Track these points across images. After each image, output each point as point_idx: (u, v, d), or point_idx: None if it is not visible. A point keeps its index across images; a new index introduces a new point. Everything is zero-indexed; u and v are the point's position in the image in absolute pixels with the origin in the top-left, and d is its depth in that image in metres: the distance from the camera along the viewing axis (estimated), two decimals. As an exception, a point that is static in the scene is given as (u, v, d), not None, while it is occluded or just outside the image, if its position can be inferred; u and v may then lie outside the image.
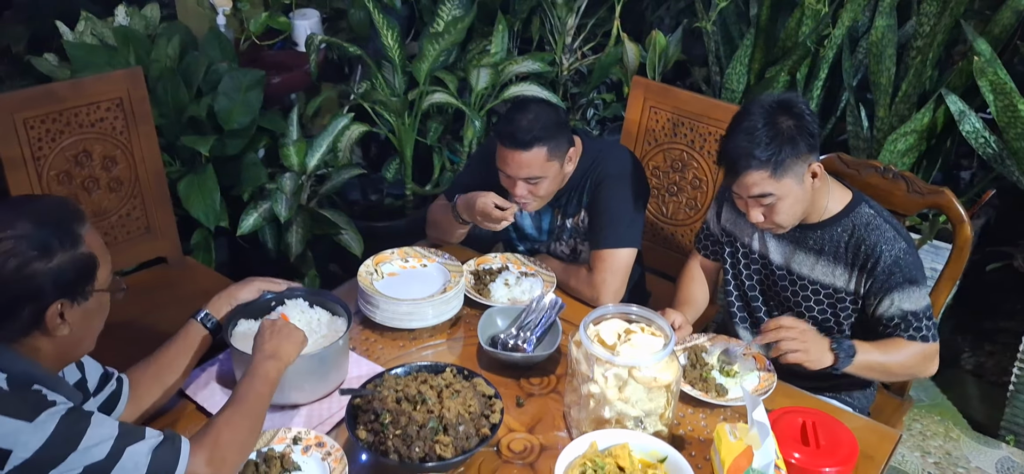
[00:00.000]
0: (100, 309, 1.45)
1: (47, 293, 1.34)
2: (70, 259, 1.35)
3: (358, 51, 3.34)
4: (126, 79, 2.58)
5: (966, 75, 2.93)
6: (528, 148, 2.16)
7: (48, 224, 1.35)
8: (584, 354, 1.74)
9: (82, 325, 1.42)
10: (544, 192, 2.26)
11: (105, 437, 1.33)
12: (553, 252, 2.48)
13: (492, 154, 2.29)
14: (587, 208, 2.37)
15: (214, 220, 2.99)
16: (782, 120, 1.86)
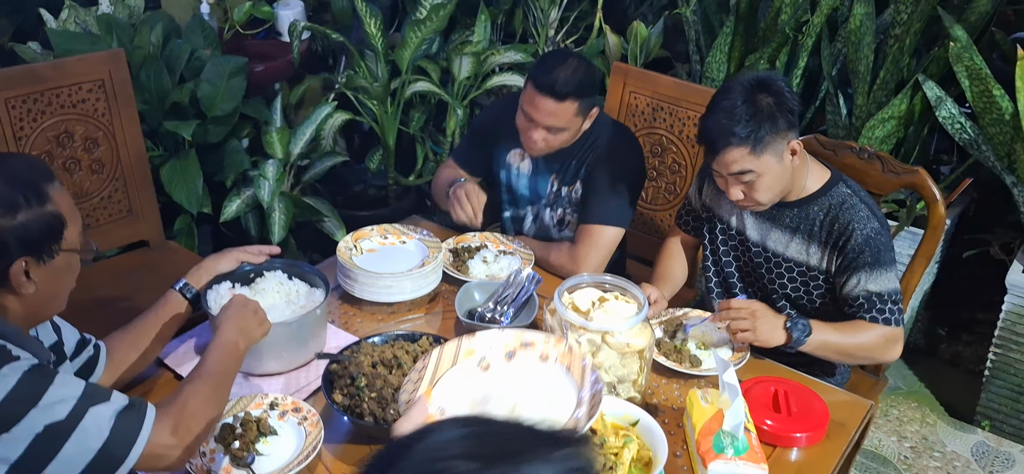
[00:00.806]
0: (69, 269, 1.44)
1: (11, 249, 1.33)
2: (36, 217, 1.34)
3: (340, 37, 3.36)
4: (108, 61, 2.59)
5: (943, 62, 2.96)
6: (562, 100, 2.18)
7: (15, 181, 1.34)
8: (558, 321, 1.76)
9: (49, 284, 1.40)
10: (558, 144, 2.29)
11: (68, 396, 1.32)
12: (542, 219, 2.51)
13: (491, 123, 2.44)
14: (583, 180, 2.41)
15: (197, 205, 3.00)
16: (761, 98, 1.88)
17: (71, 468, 1.32)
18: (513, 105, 2.34)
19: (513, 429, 0.73)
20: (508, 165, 2.51)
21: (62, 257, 1.40)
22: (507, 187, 2.55)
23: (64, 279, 1.44)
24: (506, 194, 2.56)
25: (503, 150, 2.50)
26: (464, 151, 2.60)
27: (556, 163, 2.43)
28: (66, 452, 1.30)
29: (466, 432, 0.71)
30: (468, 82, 3.51)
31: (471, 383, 1.46)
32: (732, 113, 1.87)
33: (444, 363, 1.44)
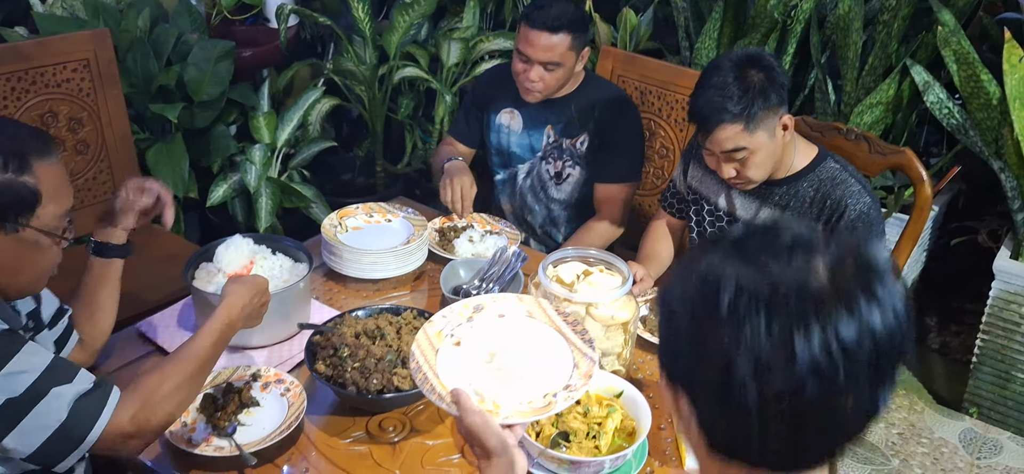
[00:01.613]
0: (38, 249, 1.38)
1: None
2: (6, 182, 1.31)
3: (328, 22, 3.34)
4: (93, 40, 2.58)
5: (931, 48, 2.97)
6: (556, 32, 2.28)
7: (1, 143, 1.32)
8: (543, 295, 1.75)
9: (13, 255, 1.36)
10: (555, 83, 2.37)
11: (33, 367, 1.30)
12: (538, 173, 2.53)
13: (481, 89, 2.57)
14: (595, 134, 2.47)
15: (183, 189, 2.98)
16: (752, 74, 1.87)
17: (29, 440, 1.30)
18: (500, 70, 2.44)
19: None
20: (499, 127, 2.56)
21: (30, 233, 1.35)
22: (497, 150, 2.59)
23: (30, 256, 1.38)
24: (496, 157, 2.60)
25: (492, 113, 2.57)
26: (459, 124, 2.67)
27: (550, 114, 2.48)
28: (24, 426, 1.29)
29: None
30: (457, 69, 3.51)
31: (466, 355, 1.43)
32: (724, 90, 1.85)
33: (430, 356, 1.41)
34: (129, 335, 1.90)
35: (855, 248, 0.77)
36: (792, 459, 0.80)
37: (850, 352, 0.73)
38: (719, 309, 0.75)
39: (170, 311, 1.95)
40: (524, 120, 2.53)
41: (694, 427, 0.83)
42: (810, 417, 0.75)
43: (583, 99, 2.48)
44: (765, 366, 0.73)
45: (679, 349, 0.81)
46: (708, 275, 0.77)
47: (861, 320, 0.73)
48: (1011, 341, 2.90)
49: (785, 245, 0.77)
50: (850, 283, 0.74)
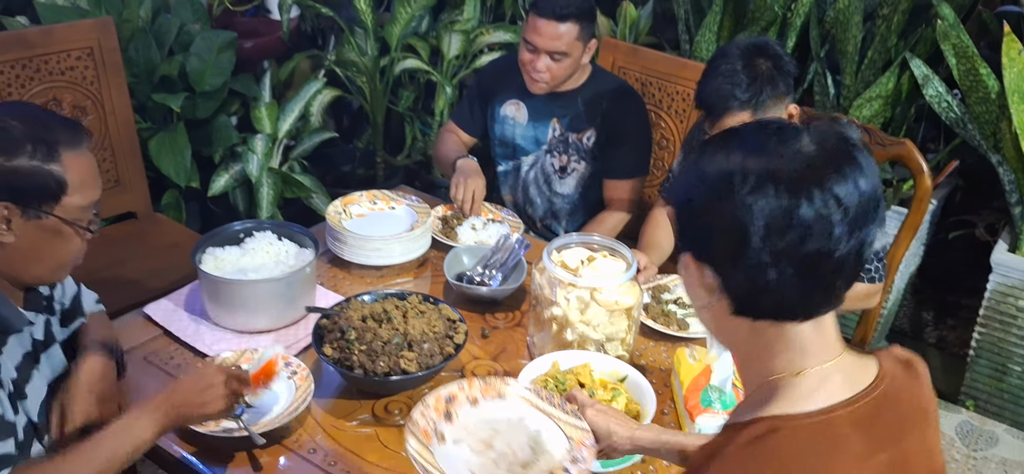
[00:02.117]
0: (60, 238, 1.37)
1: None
2: (32, 168, 1.30)
3: (330, 13, 3.35)
4: (97, 28, 2.59)
5: (930, 42, 2.99)
6: (563, 21, 2.29)
7: (32, 130, 1.31)
8: (548, 279, 1.76)
9: (32, 243, 1.34)
10: (561, 74, 2.38)
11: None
12: (542, 166, 2.54)
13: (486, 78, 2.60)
14: (602, 129, 2.48)
15: (185, 178, 2.99)
16: (760, 62, 1.89)
17: None
18: (506, 60, 2.45)
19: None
20: (503, 118, 2.57)
21: (52, 222, 1.34)
22: (501, 141, 2.59)
23: (51, 245, 1.37)
24: (500, 148, 2.61)
25: (497, 104, 2.57)
26: (463, 112, 2.67)
27: (556, 107, 2.48)
28: None
29: None
30: (457, 61, 3.52)
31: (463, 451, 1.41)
32: (732, 77, 1.87)
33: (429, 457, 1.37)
34: (136, 318, 1.91)
35: (833, 128, 0.93)
36: (806, 306, 0.93)
37: (844, 206, 0.88)
38: (734, 191, 0.89)
39: (177, 295, 1.96)
40: (529, 112, 2.54)
41: (719, 299, 0.96)
42: (816, 265, 0.89)
43: (590, 93, 2.49)
44: (776, 228, 0.88)
45: (701, 230, 0.95)
46: (719, 167, 0.92)
47: (848, 180, 0.88)
48: (1008, 334, 2.93)
49: (775, 131, 0.93)
50: (836, 153, 0.90)
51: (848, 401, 0.93)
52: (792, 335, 0.95)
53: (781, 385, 0.94)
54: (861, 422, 0.93)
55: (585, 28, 2.36)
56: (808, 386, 0.94)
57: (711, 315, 0.99)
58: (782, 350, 0.95)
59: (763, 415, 0.93)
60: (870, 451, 0.92)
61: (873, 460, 0.92)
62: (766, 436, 0.90)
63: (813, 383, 0.94)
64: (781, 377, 0.95)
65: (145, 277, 2.44)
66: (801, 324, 0.94)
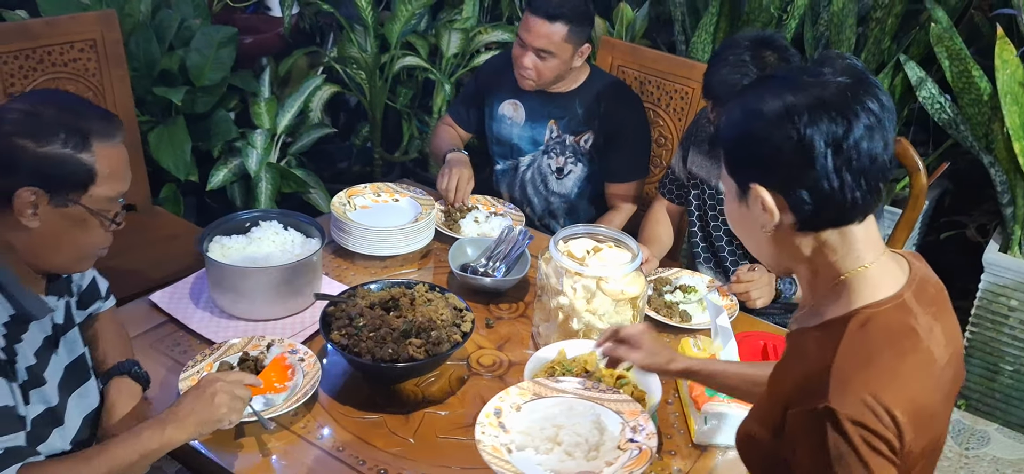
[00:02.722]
0: (84, 228, 1.36)
1: (20, 173, 1.29)
2: (61, 156, 1.30)
3: (331, 9, 3.37)
4: (100, 21, 2.59)
5: (923, 45, 3.03)
6: (554, 20, 2.31)
7: (66, 117, 1.32)
8: (554, 269, 1.78)
9: (57, 230, 1.34)
10: (548, 73, 2.39)
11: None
12: (539, 166, 2.56)
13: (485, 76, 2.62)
14: (600, 132, 2.49)
15: (184, 172, 3.00)
16: (767, 54, 1.92)
17: None
18: (504, 58, 2.47)
19: None
20: (501, 117, 2.58)
21: (78, 210, 1.34)
22: (498, 139, 2.61)
23: (75, 234, 1.37)
24: (497, 146, 2.62)
25: (496, 102, 2.58)
26: (459, 108, 2.69)
27: (554, 108, 2.50)
28: None
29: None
30: (455, 60, 3.54)
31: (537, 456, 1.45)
32: (740, 67, 1.90)
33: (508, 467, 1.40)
34: (141, 306, 1.92)
35: (842, 60, 1.10)
36: (864, 207, 1.10)
37: (877, 116, 1.06)
38: (794, 122, 1.05)
39: (182, 283, 1.97)
40: (527, 113, 2.56)
41: (784, 220, 1.11)
42: (868, 167, 1.06)
43: (588, 96, 2.50)
44: (836, 145, 1.05)
45: (767, 160, 1.10)
46: (772, 105, 1.08)
47: (877, 95, 1.07)
48: (999, 333, 2.97)
49: (800, 70, 1.11)
50: (861, 77, 1.08)
51: (906, 285, 1.13)
52: (851, 238, 1.12)
53: (853, 281, 1.12)
54: (919, 300, 1.12)
55: (576, 30, 2.36)
56: (875, 277, 1.12)
57: (774, 239, 1.15)
58: (846, 252, 1.12)
59: (856, 307, 1.10)
60: (931, 323, 1.11)
61: (934, 330, 1.11)
62: (867, 323, 1.08)
63: (878, 274, 1.12)
64: (850, 275, 1.12)
65: (146, 268, 2.44)
66: (857, 227, 1.11)
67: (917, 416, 1.05)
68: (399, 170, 3.85)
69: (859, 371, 1.04)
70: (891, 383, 1.04)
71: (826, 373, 1.05)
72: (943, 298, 1.18)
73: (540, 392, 1.53)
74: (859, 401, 1.02)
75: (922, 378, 1.08)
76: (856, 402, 1.02)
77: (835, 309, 1.13)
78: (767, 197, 1.10)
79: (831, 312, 1.13)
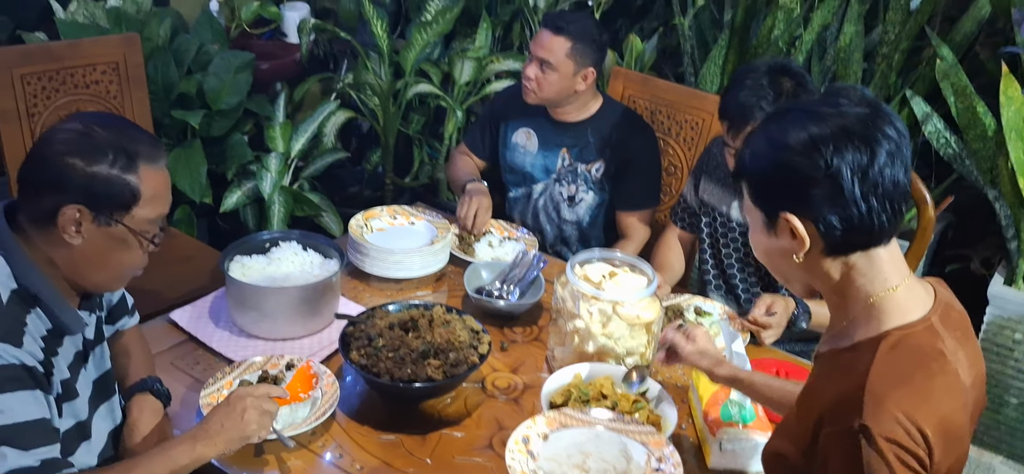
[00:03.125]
0: (125, 247, 1.39)
1: (70, 191, 1.32)
2: (108, 176, 1.33)
3: (347, 36, 3.42)
4: (123, 44, 2.64)
5: (928, 81, 3.08)
6: (558, 33, 2.38)
7: (116, 139, 1.35)
8: (570, 292, 1.81)
9: (99, 248, 1.37)
10: (547, 87, 2.44)
11: (11, 414, 1.27)
12: (552, 194, 2.59)
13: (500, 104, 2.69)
14: (611, 161, 2.53)
15: (200, 194, 3.03)
16: (784, 81, 1.96)
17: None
18: (518, 87, 2.53)
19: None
20: (514, 146, 2.62)
21: (120, 230, 1.37)
22: (510, 167, 2.65)
23: (116, 253, 1.40)
24: (510, 174, 2.66)
25: (509, 130, 2.64)
26: (474, 135, 2.73)
27: (566, 137, 2.55)
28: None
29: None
30: (467, 87, 3.59)
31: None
32: (758, 91, 1.94)
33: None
34: (161, 324, 1.95)
35: (855, 91, 1.16)
36: (889, 230, 1.14)
37: (896, 142, 1.11)
38: (821, 152, 1.10)
39: (202, 302, 2.00)
40: (540, 141, 2.60)
41: (814, 246, 1.16)
42: (892, 191, 1.11)
43: (600, 125, 2.54)
44: (862, 171, 1.10)
45: (795, 189, 1.14)
46: (798, 136, 1.13)
47: (892, 122, 1.12)
48: (1004, 366, 2.99)
49: (820, 101, 1.16)
50: (876, 106, 1.14)
51: (933, 309, 1.17)
52: (878, 261, 1.16)
53: (882, 304, 1.17)
54: (945, 324, 1.17)
55: (579, 49, 2.40)
56: (904, 300, 1.17)
57: (803, 265, 1.19)
58: (874, 274, 1.17)
59: (887, 329, 1.15)
60: (956, 346, 1.16)
61: (959, 353, 1.15)
62: (898, 345, 1.13)
63: (906, 297, 1.17)
64: (879, 297, 1.17)
65: (161, 287, 2.46)
66: (882, 249, 1.16)
67: (946, 435, 1.09)
68: (409, 195, 3.89)
69: (892, 391, 1.08)
70: (923, 403, 1.08)
71: (860, 392, 1.09)
72: (966, 323, 1.23)
73: (566, 422, 1.56)
74: (893, 419, 1.06)
75: (951, 398, 1.12)
76: (890, 420, 1.06)
77: (866, 331, 1.17)
78: (798, 225, 1.15)
79: (861, 334, 1.17)
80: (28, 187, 1.35)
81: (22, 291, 1.34)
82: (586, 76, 2.46)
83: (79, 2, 3.32)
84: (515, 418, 1.73)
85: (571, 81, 2.44)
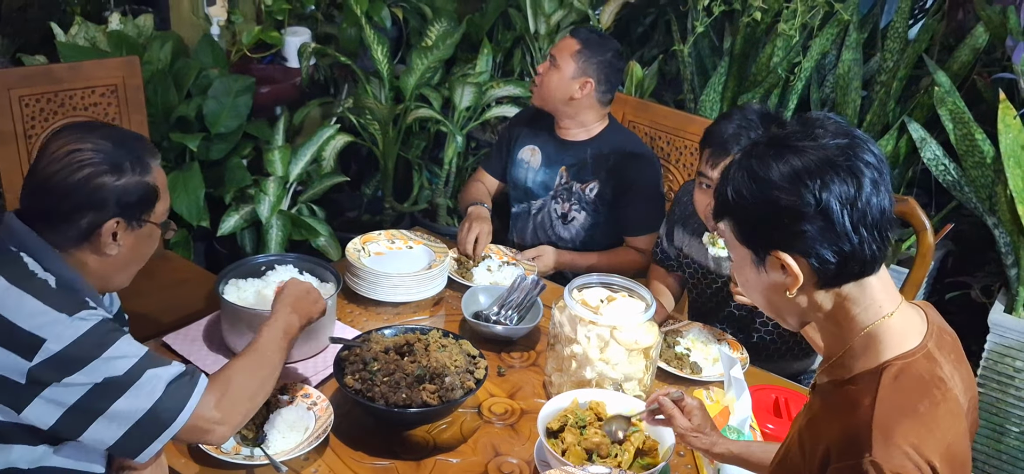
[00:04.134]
0: (151, 241, 1.49)
1: (109, 207, 1.39)
2: (136, 183, 1.41)
3: (348, 61, 3.43)
4: (123, 67, 2.65)
5: (927, 108, 3.08)
6: (572, 35, 2.51)
7: (125, 147, 1.42)
8: (568, 317, 1.80)
9: (130, 251, 1.46)
10: (548, 85, 2.51)
11: (130, 354, 1.37)
12: (548, 210, 2.60)
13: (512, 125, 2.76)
14: (606, 183, 2.54)
15: (197, 217, 3.03)
16: (773, 128, 1.95)
17: (120, 424, 1.35)
18: (533, 108, 2.60)
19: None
20: (520, 162, 2.66)
21: (148, 228, 1.46)
22: (514, 183, 2.69)
23: (143, 249, 1.50)
24: (514, 190, 2.68)
25: (517, 147, 2.68)
26: (492, 158, 2.78)
27: (567, 155, 2.57)
28: (118, 406, 1.34)
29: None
30: (468, 113, 3.60)
31: None
32: (748, 126, 1.95)
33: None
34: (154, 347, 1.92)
35: (830, 119, 1.16)
36: (879, 258, 1.14)
37: (879, 168, 1.11)
38: (807, 187, 1.09)
39: (196, 326, 1.98)
40: (543, 157, 2.63)
41: (807, 280, 1.15)
42: (879, 219, 1.11)
43: (600, 146, 2.55)
44: (850, 202, 1.09)
45: (785, 226, 1.13)
46: (781, 172, 1.12)
47: (870, 149, 1.12)
48: (1005, 395, 2.96)
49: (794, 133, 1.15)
50: (852, 135, 1.13)
51: (927, 335, 1.17)
52: (870, 289, 1.16)
53: (879, 332, 1.16)
54: (940, 349, 1.17)
55: (585, 54, 2.47)
56: (899, 327, 1.16)
57: (795, 301, 1.18)
58: (868, 303, 1.16)
59: (887, 359, 1.15)
60: (952, 372, 1.16)
61: (956, 378, 1.16)
62: (900, 375, 1.12)
63: (901, 324, 1.16)
64: (874, 325, 1.16)
65: (155, 311, 2.45)
66: (874, 278, 1.16)
67: (952, 463, 1.09)
68: (409, 220, 3.89)
69: (899, 424, 1.08)
70: (929, 434, 1.08)
71: (868, 427, 1.09)
72: (958, 346, 1.23)
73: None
74: (902, 454, 1.06)
75: (955, 425, 1.12)
76: (899, 455, 1.06)
77: (864, 361, 1.17)
78: (790, 262, 1.14)
79: (860, 364, 1.17)
80: (56, 214, 1.39)
81: (61, 281, 1.39)
82: (584, 85, 2.49)
83: (80, 25, 3.33)
84: (512, 444, 1.72)
85: (568, 84, 2.48)
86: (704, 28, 3.14)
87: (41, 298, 1.33)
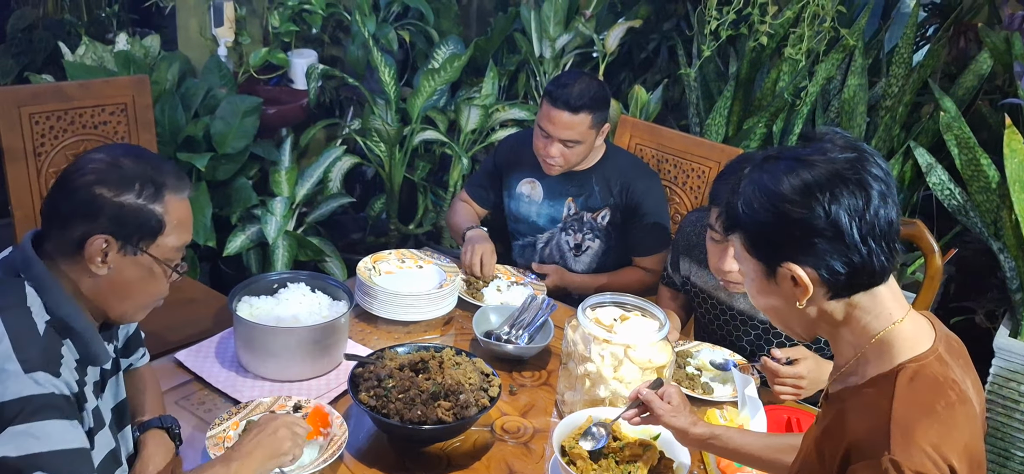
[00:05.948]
0: (151, 276, 1.40)
1: (99, 221, 1.33)
2: (136, 206, 1.34)
3: (356, 83, 3.45)
4: (133, 86, 2.66)
5: (932, 134, 3.10)
6: (576, 113, 2.34)
7: (140, 169, 1.36)
8: (581, 336, 1.80)
9: (123, 278, 1.37)
10: (575, 158, 2.43)
11: (52, 442, 1.25)
12: (557, 243, 2.58)
13: (504, 154, 2.64)
14: (616, 209, 2.53)
15: (204, 237, 3.03)
16: None
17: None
18: (521, 137, 2.50)
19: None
20: (519, 196, 2.62)
21: (145, 259, 1.38)
22: (515, 217, 2.64)
23: (142, 282, 1.40)
24: (514, 224, 2.65)
25: (514, 180, 2.63)
26: (477, 185, 2.72)
27: (571, 186, 2.55)
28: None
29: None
30: (473, 135, 3.61)
31: None
32: None
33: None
34: (166, 364, 1.93)
35: (838, 134, 1.18)
36: (888, 267, 1.16)
37: (886, 180, 1.13)
38: (818, 200, 1.11)
39: (208, 343, 1.98)
40: (545, 190, 2.60)
41: (817, 291, 1.17)
42: (888, 229, 1.13)
43: (605, 173, 2.54)
44: (859, 214, 1.11)
45: (797, 238, 1.15)
46: (791, 185, 1.14)
47: (877, 162, 1.14)
48: (1011, 419, 2.96)
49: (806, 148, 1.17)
50: (859, 148, 1.15)
51: (937, 340, 1.19)
52: (880, 298, 1.18)
53: (891, 337, 1.18)
54: (950, 354, 1.19)
55: (598, 116, 2.39)
56: (910, 332, 1.18)
57: (805, 311, 1.20)
58: (879, 311, 1.18)
59: (900, 362, 1.16)
60: (963, 375, 1.18)
61: (967, 381, 1.18)
62: (915, 377, 1.14)
63: (911, 329, 1.19)
64: (886, 332, 1.18)
65: (163, 330, 2.44)
66: (883, 287, 1.18)
67: (970, 463, 1.11)
68: (413, 242, 3.90)
69: (918, 423, 1.10)
70: (948, 434, 1.09)
71: (886, 427, 1.10)
72: (965, 353, 1.26)
73: None
74: (922, 453, 1.07)
75: (971, 426, 1.14)
76: (919, 454, 1.07)
77: (878, 366, 1.19)
78: (801, 273, 1.16)
79: (874, 369, 1.19)
80: (56, 217, 1.36)
81: (56, 322, 1.33)
82: (604, 131, 2.48)
83: (87, 45, 3.34)
84: (524, 461, 1.71)
85: (593, 144, 2.46)
86: (710, 52, 3.16)
87: (15, 342, 1.26)
